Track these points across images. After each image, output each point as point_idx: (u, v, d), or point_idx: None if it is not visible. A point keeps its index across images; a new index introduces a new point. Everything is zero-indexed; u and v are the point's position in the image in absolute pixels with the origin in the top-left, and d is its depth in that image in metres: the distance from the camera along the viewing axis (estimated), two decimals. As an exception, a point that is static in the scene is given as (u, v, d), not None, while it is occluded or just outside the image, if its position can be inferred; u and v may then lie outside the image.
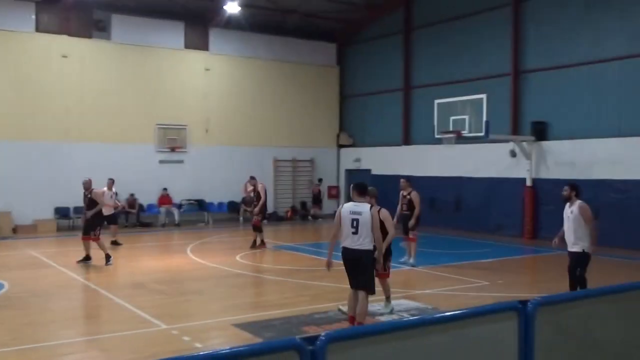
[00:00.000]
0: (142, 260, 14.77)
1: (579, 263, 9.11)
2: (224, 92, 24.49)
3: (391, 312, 9.24)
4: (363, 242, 7.69)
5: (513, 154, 19.62)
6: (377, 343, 3.80)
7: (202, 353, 3.00)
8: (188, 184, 23.54)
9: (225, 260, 14.37)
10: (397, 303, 9.84)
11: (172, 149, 23.18)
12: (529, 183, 19.09)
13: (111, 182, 16.71)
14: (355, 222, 7.66)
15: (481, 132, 17.26)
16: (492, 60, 20.85)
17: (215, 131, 24.19)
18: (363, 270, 7.82)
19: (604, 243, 16.05)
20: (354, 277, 7.90)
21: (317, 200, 25.99)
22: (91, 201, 13.66)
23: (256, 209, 16.11)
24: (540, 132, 19.02)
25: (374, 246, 7.80)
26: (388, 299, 9.34)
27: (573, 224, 9.05)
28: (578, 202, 9.11)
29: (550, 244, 10.04)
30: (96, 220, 13.77)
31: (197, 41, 24.02)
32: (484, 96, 17.38)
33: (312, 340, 3.53)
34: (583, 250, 9.02)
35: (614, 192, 16.97)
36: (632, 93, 17.02)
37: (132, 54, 22.58)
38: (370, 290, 7.93)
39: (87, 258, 13.68)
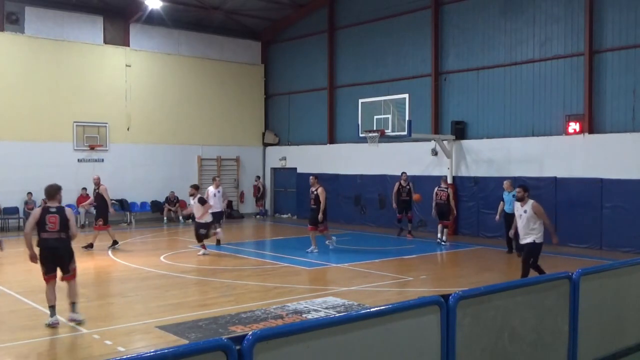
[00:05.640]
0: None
1: (531, 253, 10.29)
2: (146, 88, 23.89)
3: (80, 322, 8.64)
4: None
5: (434, 152, 20.26)
6: (304, 340, 3.83)
7: (125, 357, 2.94)
8: (109, 183, 22.57)
9: (149, 261, 14.05)
10: (323, 300, 9.93)
11: (92, 147, 22.44)
12: (449, 180, 19.68)
13: (218, 182, 17.79)
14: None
15: (404, 131, 17.65)
16: (414, 61, 21.38)
17: (138, 129, 23.58)
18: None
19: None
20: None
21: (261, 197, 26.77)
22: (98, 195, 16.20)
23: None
24: (460, 131, 19.71)
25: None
26: (73, 304, 8.82)
27: (526, 221, 10.20)
28: (531, 202, 10.31)
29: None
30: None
31: (117, 36, 23.31)
32: (406, 96, 17.76)
33: (239, 339, 3.52)
34: (534, 241, 10.17)
35: (529, 189, 17.72)
36: (544, 94, 17.91)
37: (47, 49, 21.62)
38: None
39: (115, 243, 16.18)
